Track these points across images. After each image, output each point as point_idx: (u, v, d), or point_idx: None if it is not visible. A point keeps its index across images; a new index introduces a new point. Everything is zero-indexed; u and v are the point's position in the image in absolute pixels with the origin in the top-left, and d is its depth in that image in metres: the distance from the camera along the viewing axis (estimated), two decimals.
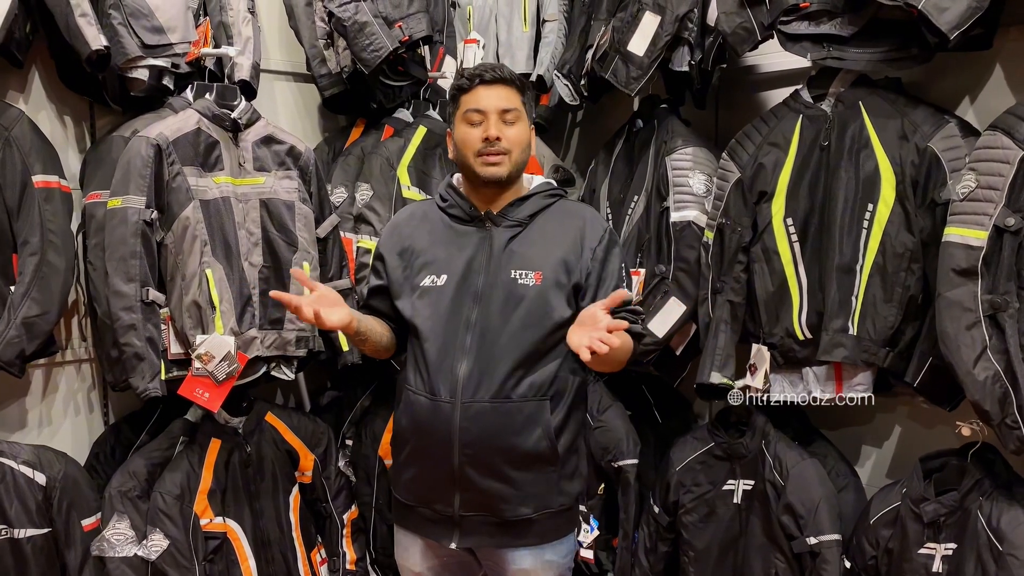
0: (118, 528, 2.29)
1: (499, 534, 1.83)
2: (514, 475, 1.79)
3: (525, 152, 1.84)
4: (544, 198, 1.88)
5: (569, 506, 1.90)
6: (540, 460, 1.81)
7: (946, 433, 2.30)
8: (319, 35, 2.69)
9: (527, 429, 1.78)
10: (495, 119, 1.78)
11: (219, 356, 2.24)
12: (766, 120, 2.34)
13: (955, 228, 1.88)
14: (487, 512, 1.81)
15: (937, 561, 1.99)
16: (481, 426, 1.77)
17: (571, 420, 1.87)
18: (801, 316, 2.26)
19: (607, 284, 1.81)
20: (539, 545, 1.85)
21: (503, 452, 1.78)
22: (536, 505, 1.82)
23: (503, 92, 1.79)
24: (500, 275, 1.79)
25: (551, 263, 1.79)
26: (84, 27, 2.10)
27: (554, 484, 1.83)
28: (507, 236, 1.83)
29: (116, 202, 2.18)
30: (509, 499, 1.79)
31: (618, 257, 1.85)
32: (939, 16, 1.87)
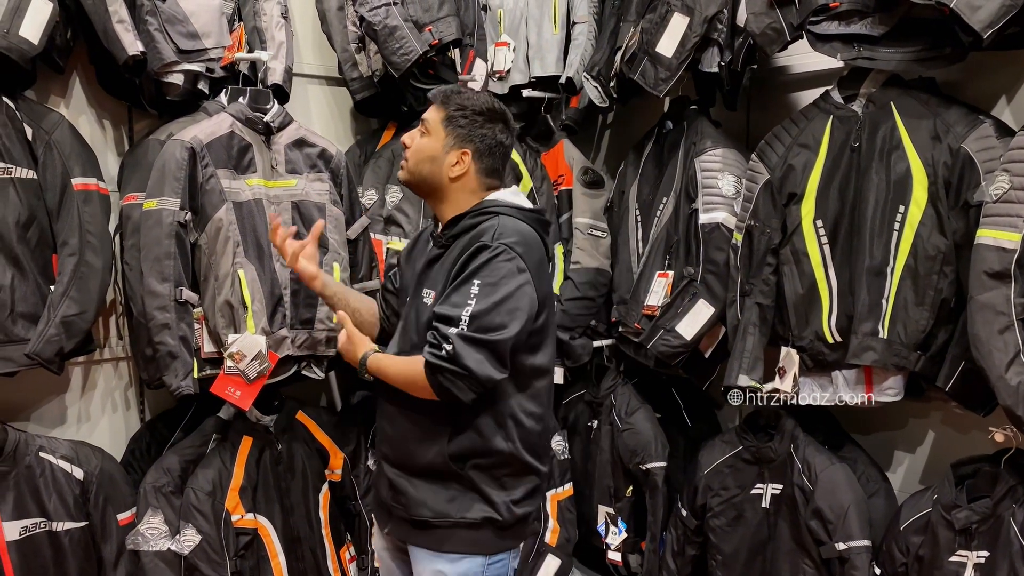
0: (152, 523, 2.34)
1: (410, 529, 1.87)
2: (419, 477, 1.83)
3: (424, 164, 1.84)
4: (473, 217, 1.83)
5: (473, 523, 1.80)
6: (438, 473, 1.80)
7: (980, 439, 2.25)
8: (351, 39, 2.72)
9: (425, 442, 1.80)
10: (416, 129, 1.90)
11: (250, 355, 2.28)
12: (796, 121, 2.32)
13: (988, 230, 1.85)
14: (402, 506, 1.86)
15: (969, 569, 1.95)
16: (391, 428, 1.88)
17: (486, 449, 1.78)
18: (831, 319, 2.23)
19: (446, 292, 1.74)
20: (435, 551, 1.82)
21: (406, 456, 1.84)
22: (435, 511, 1.81)
23: (431, 107, 1.88)
24: (419, 293, 1.86)
25: (441, 281, 1.80)
26: (121, 33, 2.15)
27: (456, 498, 1.80)
28: (430, 258, 1.88)
29: (151, 204, 2.23)
30: (413, 499, 1.83)
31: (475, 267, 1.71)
32: (972, 15, 1.84)
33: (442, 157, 1.84)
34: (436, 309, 1.72)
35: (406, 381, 1.76)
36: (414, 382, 1.73)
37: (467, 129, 1.84)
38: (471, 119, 1.84)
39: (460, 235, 1.82)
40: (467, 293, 1.69)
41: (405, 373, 1.76)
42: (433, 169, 1.85)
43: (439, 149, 1.84)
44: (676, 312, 2.52)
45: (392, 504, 1.88)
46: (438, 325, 1.69)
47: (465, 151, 1.84)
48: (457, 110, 1.84)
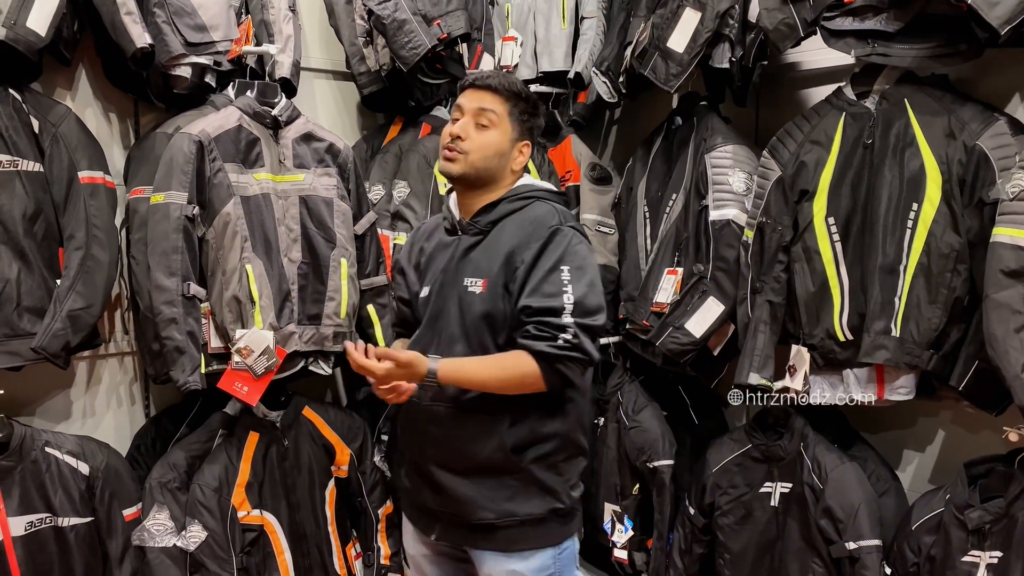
0: (158, 518, 2.33)
1: (468, 534, 1.82)
2: (475, 479, 1.78)
3: (491, 159, 1.79)
4: (512, 202, 1.82)
5: (540, 518, 1.80)
6: (497, 470, 1.77)
7: (992, 438, 2.24)
8: (358, 33, 2.70)
9: (481, 439, 1.75)
10: (468, 119, 1.80)
11: (258, 350, 2.26)
12: (808, 118, 2.30)
13: (1004, 228, 1.84)
14: (456, 513, 1.81)
15: (982, 569, 1.94)
16: (441, 430, 1.79)
17: (545, 434, 1.78)
18: (842, 317, 2.22)
19: (530, 283, 1.70)
20: (505, 552, 1.80)
21: (461, 458, 1.78)
22: (499, 512, 1.78)
23: (485, 95, 1.79)
24: (457, 284, 1.80)
25: (496, 269, 1.76)
26: (129, 25, 2.14)
27: (518, 494, 1.78)
28: (467, 244, 1.82)
29: (159, 198, 2.21)
30: (471, 502, 1.78)
31: (553, 258, 1.70)
32: (990, 11, 1.82)
33: (509, 151, 1.81)
34: (530, 302, 1.66)
35: (505, 378, 1.68)
36: (518, 377, 1.68)
37: (528, 122, 1.83)
38: (529, 111, 1.82)
39: (499, 220, 1.79)
40: (559, 281, 1.67)
41: (502, 371, 1.68)
42: (500, 164, 1.80)
43: (507, 144, 1.80)
44: (685, 309, 2.50)
45: (441, 510, 1.82)
46: (544, 318, 1.66)
47: (527, 143, 1.83)
48: (519, 101, 1.81)
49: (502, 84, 1.80)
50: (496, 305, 1.74)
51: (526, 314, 1.68)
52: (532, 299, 1.68)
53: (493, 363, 1.71)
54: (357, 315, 2.56)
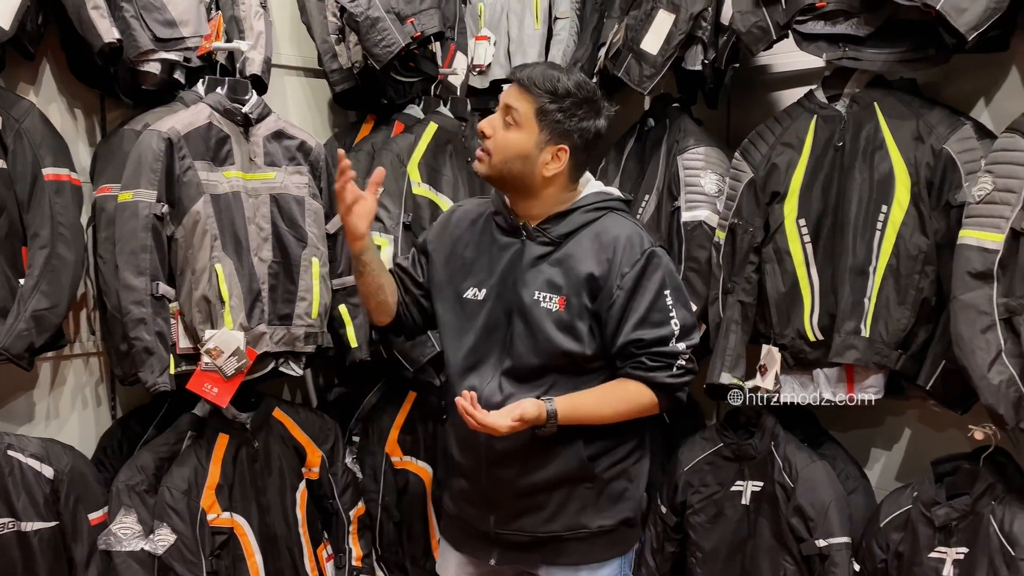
0: (125, 522, 2.29)
1: (534, 552, 1.78)
2: (543, 492, 1.75)
3: (512, 162, 1.69)
4: (586, 213, 1.74)
5: (610, 529, 1.79)
6: (569, 480, 1.74)
7: (957, 437, 2.29)
8: (331, 30, 2.68)
9: (553, 451, 1.72)
10: (498, 115, 1.71)
11: (228, 351, 2.24)
12: (779, 120, 2.33)
13: (971, 231, 1.87)
14: (518, 529, 1.77)
15: (948, 565, 1.98)
16: (506, 445, 1.71)
17: (618, 443, 1.77)
18: (812, 317, 2.24)
19: (632, 315, 1.67)
20: (575, 566, 1.77)
21: (531, 470, 1.74)
22: (567, 524, 1.75)
23: (517, 93, 1.69)
24: (525, 295, 1.72)
25: (576, 287, 1.69)
26: (96, 20, 2.09)
27: (589, 504, 1.75)
28: (537, 254, 1.73)
29: (127, 196, 2.17)
30: (539, 515, 1.75)
31: (655, 284, 1.68)
32: (958, 17, 1.86)
33: (536, 155, 1.68)
34: (642, 335, 1.66)
35: (625, 412, 1.68)
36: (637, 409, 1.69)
37: (565, 123, 1.67)
38: (569, 111, 1.66)
39: (574, 232, 1.71)
40: (665, 308, 1.68)
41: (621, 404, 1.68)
42: (525, 168, 1.68)
43: (531, 146, 1.67)
44: None
45: (501, 532, 1.78)
46: (658, 348, 1.66)
47: (563, 147, 1.68)
48: (552, 101, 1.65)
49: (534, 80, 1.66)
50: (575, 325, 1.69)
51: (638, 347, 1.67)
52: (643, 331, 1.67)
53: (611, 397, 1.69)
54: (329, 315, 2.54)
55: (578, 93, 1.67)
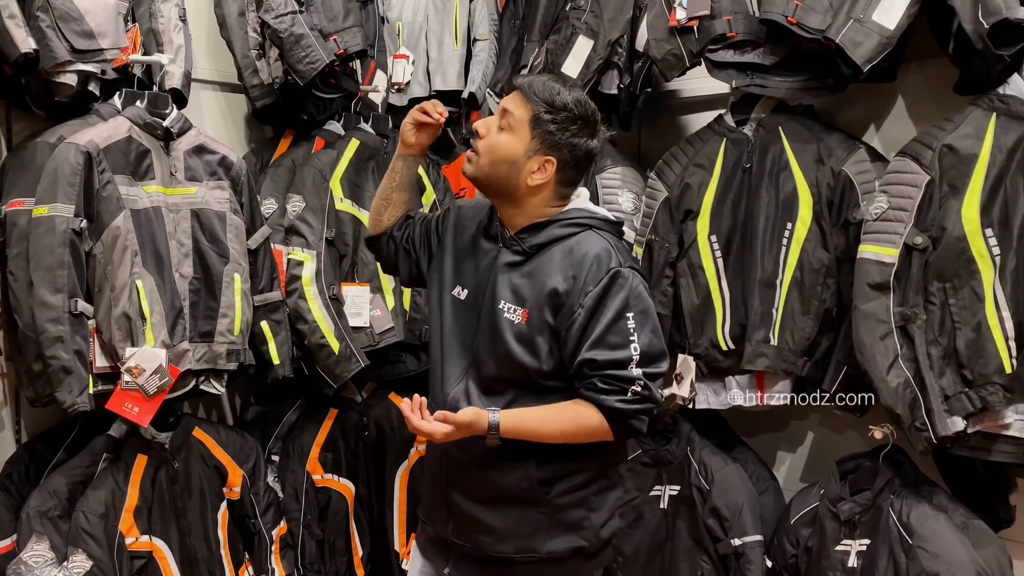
0: (37, 550, 2.19)
1: (485, 568, 1.74)
2: (496, 508, 1.71)
3: (499, 166, 1.67)
4: (563, 227, 1.70)
5: (561, 557, 1.71)
6: (521, 500, 1.69)
7: (855, 438, 2.47)
8: (251, 45, 2.66)
9: (509, 468, 1.68)
10: (495, 117, 1.70)
11: (150, 369, 2.19)
12: (691, 143, 2.47)
13: (869, 246, 2.03)
14: (472, 544, 1.74)
15: (852, 557, 2.12)
16: (465, 452, 1.71)
17: (576, 466, 1.70)
18: (724, 328, 2.38)
19: (589, 334, 1.61)
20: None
21: (485, 487, 1.71)
22: (518, 546, 1.70)
23: (516, 99, 1.68)
24: (494, 303, 1.70)
25: (540, 302, 1.66)
26: (12, 29, 2.03)
27: (541, 529, 1.69)
28: (508, 261, 1.71)
29: (42, 210, 2.10)
30: (490, 532, 1.71)
31: (616, 305, 1.61)
32: (855, 49, 2.02)
33: (523, 162, 1.65)
34: (595, 356, 1.59)
35: (572, 433, 1.62)
36: (586, 432, 1.61)
37: (557, 135, 1.64)
38: (563, 124, 1.64)
39: (548, 245, 1.68)
40: (625, 330, 1.60)
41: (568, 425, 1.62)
42: (510, 173, 1.66)
43: (520, 153, 1.65)
44: None
45: (457, 541, 1.75)
46: (611, 371, 1.59)
47: (550, 159, 1.65)
48: (548, 111, 1.64)
49: (534, 88, 1.65)
50: (535, 339, 1.66)
51: (591, 367, 1.61)
52: (597, 352, 1.60)
53: (558, 417, 1.63)
54: (250, 332, 2.51)
55: (575, 109, 1.65)
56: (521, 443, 1.64)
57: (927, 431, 1.92)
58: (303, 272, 2.60)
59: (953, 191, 1.94)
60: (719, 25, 2.23)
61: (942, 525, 1.97)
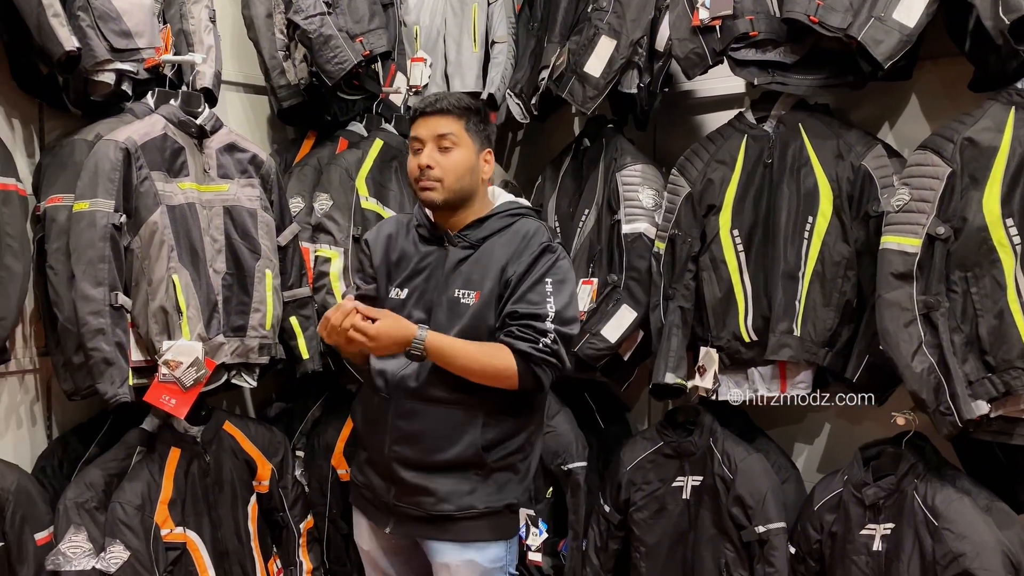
0: (75, 541, 2.22)
1: (425, 526, 1.91)
2: (439, 474, 1.87)
3: (465, 177, 1.88)
4: (501, 219, 1.94)
5: (497, 511, 1.91)
6: (463, 466, 1.87)
7: (872, 428, 2.52)
8: (279, 47, 2.71)
9: (456, 436, 1.85)
10: (430, 147, 1.88)
11: (187, 362, 2.22)
12: (713, 139, 2.53)
13: (892, 236, 2.09)
14: (413, 504, 1.89)
15: (877, 540, 2.18)
16: (412, 425, 1.87)
17: (511, 434, 1.91)
18: (747, 320, 2.43)
19: (517, 292, 1.84)
20: (462, 543, 1.89)
21: (429, 452, 1.86)
22: (459, 504, 1.87)
23: (440, 121, 1.87)
24: (446, 293, 1.89)
25: (490, 282, 1.87)
26: (57, 27, 2.07)
27: (478, 488, 1.88)
28: (458, 257, 1.91)
29: (83, 205, 2.14)
30: (433, 495, 1.87)
31: (539, 272, 1.85)
32: (876, 47, 2.09)
33: (477, 164, 1.91)
34: (516, 308, 1.81)
35: (483, 366, 1.79)
36: (494, 369, 1.79)
37: (484, 131, 1.91)
38: (484, 119, 1.91)
39: (491, 236, 1.89)
40: (543, 292, 1.82)
41: (483, 358, 1.79)
42: (473, 179, 1.90)
43: (473, 158, 1.89)
44: (601, 317, 2.65)
45: (396, 503, 1.89)
46: (529, 322, 1.79)
47: (489, 150, 1.93)
48: (472, 114, 1.89)
49: (451, 104, 1.88)
50: (487, 316, 1.86)
51: (511, 317, 1.82)
52: (519, 305, 1.82)
53: (476, 348, 1.81)
54: (280, 327, 2.55)
55: (478, 106, 1.92)
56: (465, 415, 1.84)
57: (952, 415, 1.97)
58: (331, 269, 2.65)
59: (974, 183, 2.00)
60: (742, 24, 2.30)
61: (967, 507, 2.03)
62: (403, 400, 1.87)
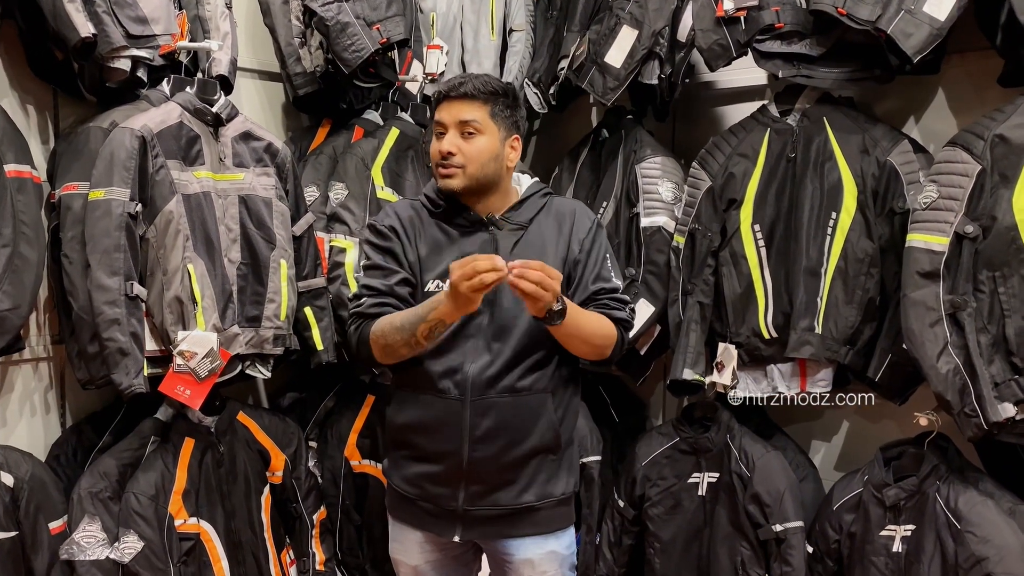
0: (89, 530, 2.21)
1: (502, 524, 1.88)
2: (519, 466, 1.86)
3: (488, 165, 1.85)
4: (539, 199, 1.95)
5: (569, 496, 1.96)
6: (544, 450, 1.87)
7: (892, 427, 2.50)
8: (295, 33, 2.68)
9: (536, 420, 1.85)
10: (452, 133, 1.84)
11: (202, 352, 2.21)
12: (735, 132, 2.49)
13: (918, 234, 2.06)
14: (491, 503, 1.86)
15: (897, 542, 2.15)
16: (492, 421, 1.83)
17: (569, 412, 1.94)
18: (767, 316, 2.40)
19: (591, 270, 1.90)
20: (543, 535, 1.90)
21: (512, 445, 1.84)
22: (539, 493, 1.88)
23: (464, 106, 1.83)
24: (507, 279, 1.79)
25: (550, 259, 1.84)
26: (73, 13, 2.04)
27: (555, 473, 1.90)
28: (512, 240, 1.88)
29: (98, 194, 2.12)
30: (514, 488, 1.86)
31: (603, 245, 1.94)
32: (906, 40, 2.05)
33: (502, 151, 1.87)
34: (603, 285, 1.89)
35: (598, 333, 1.85)
36: (604, 336, 1.86)
37: (512, 116, 1.88)
38: (512, 105, 1.88)
39: (536, 215, 1.91)
40: (609, 267, 1.92)
41: (598, 326, 1.85)
42: (497, 167, 1.87)
43: (498, 145, 1.86)
44: None
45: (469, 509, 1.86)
46: (616, 296, 1.90)
47: (516, 137, 1.90)
48: (498, 100, 1.85)
49: (477, 88, 1.83)
50: None
51: (602, 294, 1.89)
52: (602, 282, 1.90)
53: (596, 318, 1.86)
54: (294, 317, 2.53)
55: (508, 89, 1.89)
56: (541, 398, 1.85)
57: (977, 417, 1.94)
58: (346, 259, 2.62)
59: (1004, 181, 1.96)
60: (767, 16, 2.26)
61: (991, 510, 2.00)
62: (480, 397, 1.82)
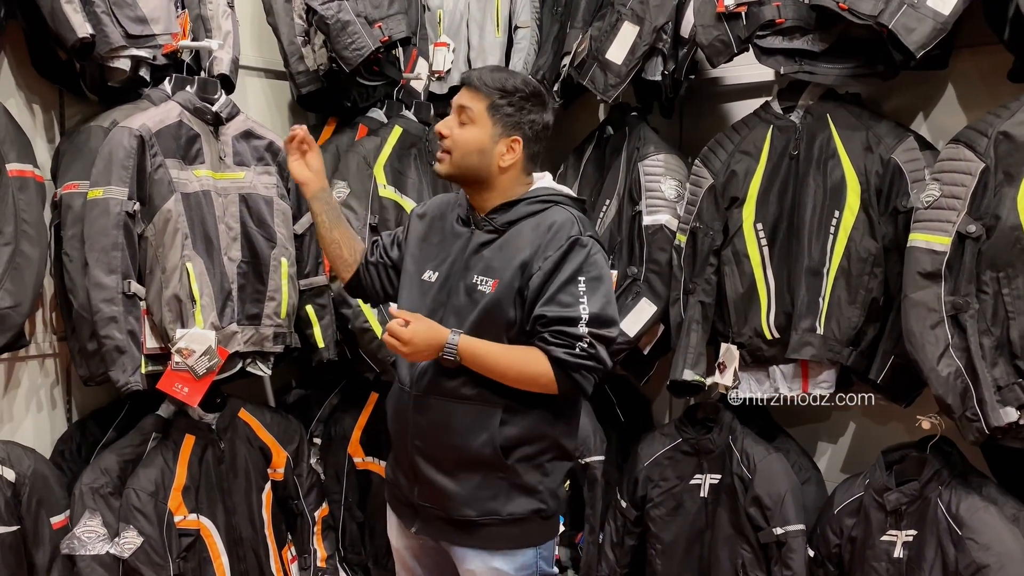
0: (89, 526, 2.24)
1: (449, 530, 1.82)
2: (459, 475, 1.78)
3: (470, 156, 1.78)
4: (531, 204, 1.81)
5: (522, 518, 1.80)
6: (484, 465, 1.77)
7: (897, 430, 2.45)
8: (297, 32, 2.69)
9: (473, 432, 1.76)
10: (452, 117, 1.81)
11: (200, 350, 2.22)
12: (737, 129, 2.45)
13: (920, 234, 2.02)
14: (438, 505, 1.82)
15: (898, 547, 2.11)
16: (429, 421, 1.79)
17: (535, 435, 1.79)
18: (769, 317, 2.37)
19: (546, 292, 1.71)
20: (487, 550, 1.80)
21: (448, 449, 1.78)
22: (480, 509, 1.78)
23: (467, 94, 1.80)
24: (465, 278, 1.79)
25: (511, 271, 1.75)
26: (70, 14, 2.06)
27: (503, 492, 1.78)
28: (480, 241, 1.82)
29: (97, 192, 2.14)
30: (453, 497, 1.78)
31: (571, 269, 1.72)
32: (908, 36, 2.00)
33: (491, 148, 1.77)
34: (546, 311, 1.69)
35: (519, 372, 1.71)
36: (531, 375, 1.70)
37: (516, 116, 1.77)
38: (519, 105, 1.77)
39: (517, 222, 1.78)
40: (575, 292, 1.69)
41: (519, 364, 1.70)
42: (482, 161, 1.78)
43: (487, 140, 1.77)
44: (620, 310, 2.60)
45: (421, 503, 1.82)
46: (561, 328, 1.68)
47: (516, 139, 1.78)
48: (501, 96, 1.77)
49: (481, 80, 1.78)
50: (504, 308, 1.74)
51: (542, 323, 1.70)
52: (548, 308, 1.70)
53: (512, 354, 1.72)
54: (295, 315, 2.54)
55: (524, 89, 1.79)
56: (482, 410, 1.74)
57: (979, 421, 1.90)
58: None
59: (1008, 179, 1.91)
60: (768, 11, 2.22)
61: (993, 517, 1.96)
62: (422, 394, 1.80)
